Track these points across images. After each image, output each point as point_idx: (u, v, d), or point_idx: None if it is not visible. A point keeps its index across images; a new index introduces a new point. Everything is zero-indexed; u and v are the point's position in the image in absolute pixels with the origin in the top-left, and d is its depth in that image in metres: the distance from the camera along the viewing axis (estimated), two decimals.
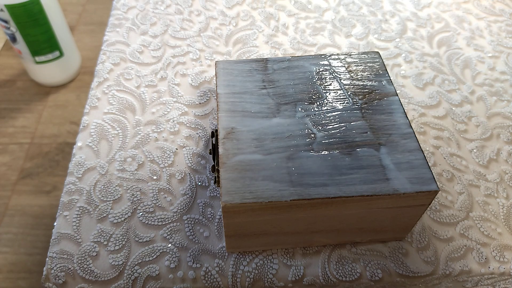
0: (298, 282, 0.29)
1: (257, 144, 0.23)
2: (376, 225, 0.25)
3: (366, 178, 0.22)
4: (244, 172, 0.21)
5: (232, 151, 0.22)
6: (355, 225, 0.25)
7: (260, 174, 0.21)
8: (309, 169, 0.21)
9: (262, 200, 0.21)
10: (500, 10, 0.49)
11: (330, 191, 0.21)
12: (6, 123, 1.17)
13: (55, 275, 0.29)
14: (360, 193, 0.21)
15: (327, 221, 0.24)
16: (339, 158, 0.22)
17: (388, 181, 0.22)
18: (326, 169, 0.22)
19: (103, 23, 1.44)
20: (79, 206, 0.31)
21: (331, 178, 0.21)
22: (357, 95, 0.25)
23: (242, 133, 0.23)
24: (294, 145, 0.22)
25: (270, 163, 0.22)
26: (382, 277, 0.29)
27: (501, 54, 0.44)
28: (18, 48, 1.10)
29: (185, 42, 0.44)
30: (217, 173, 0.24)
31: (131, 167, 0.34)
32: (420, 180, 0.22)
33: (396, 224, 0.26)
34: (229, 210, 0.21)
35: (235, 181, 0.21)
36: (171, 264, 0.29)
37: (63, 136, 1.14)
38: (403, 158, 0.23)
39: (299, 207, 0.21)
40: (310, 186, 0.21)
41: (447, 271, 0.30)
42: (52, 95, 1.24)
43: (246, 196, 0.21)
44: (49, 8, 1.04)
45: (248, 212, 0.22)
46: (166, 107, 0.38)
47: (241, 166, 0.21)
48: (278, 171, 0.22)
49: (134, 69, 0.41)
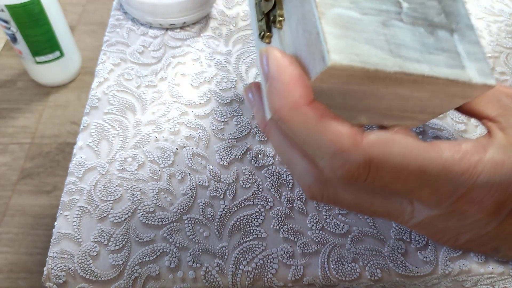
0: (298, 281, 0.29)
1: (352, 0, 0.20)
2: (419, 109, 0.24)
3: (448, 62, 0.21)
4: (345, 30, 0.18)
5: (329, 1, 0.19)
6: (405, 109, 0.24)
7: (362, 36, 0.19)
8: (403, 41, 0.20)
9: (369, 67, 0.18)
10: (499, 10, 0.49)
11: (424, 69, 0.20)
12: (6, 123, 1.18)
13: (56, 275, 0.29)
14: (447, 76, 0.20)
15: (395, 102, 0.22)
16: (425, 35, 0.21)
17: (464, 68, 0.21)
18: (417, 44, 0.20)
19: (103, 23, 1.44)
20: (80, 206, 0.32)
21: (422, 56, 0.20)
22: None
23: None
24: (385, 10, 0.20)
25: (368, 26, 0.19)
26: (382, 277, 0.29)
27: (501, 54, 0.44)
28: (18, 48, 1.10)
29: (185, 43, 0.44)
30: (278, 24, 0.22)
31: (131, 167, 0.34)
32: (484, 73, 0.21)
33: (433, 112, 0.25)
34: (332, 73, 0.18)
35: (339, 39, 0.18)
36: (171, 264, 0.29)
37: (63, 136, 1.15)
38: (470, 48, 0.22)
39: (398, 82, 0.20)
40: (408, 60, 0.19)
41: (446, 271, 0.30)
42: (53, 95, 1.24)
43: (353, 58, 0.18)
44: (50, 9, 1.04)
45: (342, 77, 0.19)
46: (166, 107, 0.38)
47: (341, 22, 0.18)
48: (377, 37, 0.19)
49: (134, 69, 0.41)
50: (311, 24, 0.19)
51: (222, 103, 0.39)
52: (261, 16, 0.23)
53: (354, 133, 0.19)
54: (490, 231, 0.22)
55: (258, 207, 0.32)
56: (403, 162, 0.19)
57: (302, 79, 0.18)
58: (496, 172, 0.20)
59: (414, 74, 0.19)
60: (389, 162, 0.19)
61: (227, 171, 0.34)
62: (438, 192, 0.20)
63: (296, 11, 0.20)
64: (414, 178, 0.19)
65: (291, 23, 0.21)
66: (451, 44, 0.22)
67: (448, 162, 0.19)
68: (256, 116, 0.24)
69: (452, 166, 0.19)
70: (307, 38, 0.19)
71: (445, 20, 0.22)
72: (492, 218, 0.21)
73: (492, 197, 0.20)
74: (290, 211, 0.32)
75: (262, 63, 0.20)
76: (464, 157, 0.20)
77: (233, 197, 0.33)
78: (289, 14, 0.21)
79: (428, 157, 0.19)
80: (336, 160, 0.19)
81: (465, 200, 0.21)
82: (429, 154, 0.19)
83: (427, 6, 0.22)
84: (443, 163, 0.19)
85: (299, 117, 0.18)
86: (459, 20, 0.23)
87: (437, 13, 0.22)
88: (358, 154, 0.18)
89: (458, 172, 0.19)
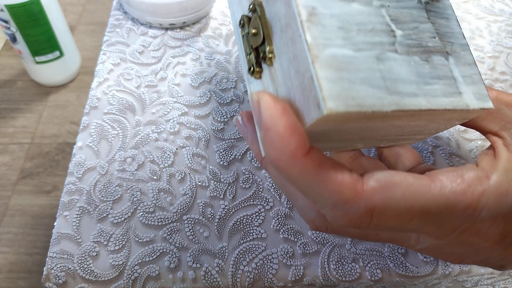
0: (298, 282, 0.29)
1: (344, 36, 0.19)
2: (415, 133, 0.24)
3: (445, 90, 0.20)
4: (340, 71, 0.18)
5: (321, 41, 0.18)
6: (402, 133, 0.23)
7: (358, 76, 0.18)
8: (399, 75, 0.19)
9: (366, 109, 0.17)
10: (499, 10, 0.49)
11: (421, 103, 0.19)
12: (6, 123, 1.18)
13: (55, 275, 0.29)
14: (444, 106, 0.20)
15: (392, 130, 0.22)
16: (420, 64, 0.20)
17: (461, 95, 0.20)
18: (413, 76, 0.20)
19: (103, 23, 1.44)
20: (79, 206, 0.32)
21: (419, 88, 0.19)
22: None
23: (325, 17, 0.19)
24: (379, 42, 0.20)
25: (363, 63, 0.18)
26: (382, 277, 0.29)
27: (501, 54, 0.44)
28: (18, 48, 1.10)
29: (185, 43, 0.44)
30: (268, 61, 0.20)
31: (131, 167, 0.34)
32: (481, 97, 0.21)
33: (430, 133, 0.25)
34: (328, 119, 0.18)
35: (334, 83, 0.17)
36: (171, 264, 0.29)
37: (63, 136, 1.15)
38: (466, 71, 0.21)
39: (395, 117, 0.19)
40: (404, 96, 0.19)
41: (446, 271, 0.30)
42: (52, 95, 1.24)
43: (349, 103, 0.17)
44: (49, 8, 1.04)
45: (339, 121, 0.18)
46: (166, 107, 0.38)
47: (335, 64, 0.18)
48: (373, 74, 0.18)
49: (134, 69, 0.41)
50: (304, 66, 0.18)
51: (222, 103, 0.38)
52: (250, 50, 0.22)
53: (354, 182, 0.18)
54: (495, 255, 0.22)
55: (258, 207, 0.32)
56: (406, 206, 0.18)
57: (297, 129, 0.18)
58: (500, 203, 0.19)
59: (411, 110, 0.19)
60: (391, 207, 0.18)
61: (227, 171, 0.34)
62: (442, 227, 0.20)
63: (287, 50, 0.19)
64: (417, 219, 0.19)
65: (282, 62, 0.20)
66: (446, 69, 0.21)
67: (451, 199, 0.19)
68: (251, 148, 0.24)
69: (455, 203, 0.19)
70: (300, 80, 0.18)
71: (440, 43, 0.22)
72: (497, 246, 0.21)
73: (497, 228, 0.20)
74: (290, 211, 0.32)
75: (254, 110, 0.19)
76: (467, 190, 0.19)
77: (233, 197, 0.33)
78: (280, 51, 0.20)
79: (430, 197, 0.19)
80: (337, 211, 0.19)
81: (469, 232, 0.20)
82: (430, 194, 0.19)
83: (421, 29, 0.22)
84: (445, 201, 0.19)
85: (296, 168, 0.18)
86: (454, 40, 0.22)
87: (431, 36, 0.22)
88: (359, 204, 0.18)
89: (461, 208, 0.19)
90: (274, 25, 0.20)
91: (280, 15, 0.20)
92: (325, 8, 0.19)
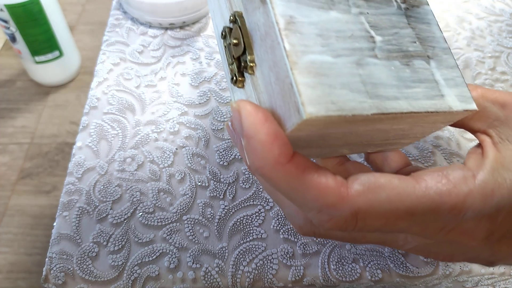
0: (298, 282, 0.29)
1: (323, 43, 0.19)
2: (401, 137, 0.24)
3: (427, 93, 0.20)
4: (319, 77, 0.18)
5: (299, 48, 0.18)
6: (387, 138, 0.24)
7: (337, 81, 0.18)
8: (379, 79, 0.19)
9: (346, 113, 0.18)
10: (500, 10, 0.49)
11: (403, 106, 0.19)
12: (6, 123, 1.17)
13: (55, 276, 0.29)
14: (426, 109, 0.20)
15: (376, 134, 0.22)
16: (400, 69, 0.21)
17: (443, 97, 0.21)
18: (393, 80, 0.20)
19: (103, 23, 1.44)
20: (79, 206, 0.31)
21: (399, 91, 0.20)
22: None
23: (303, 25, 0.19)
24: (358, 48, 0.20)
25: (342, 68, 0.19)
26: (382, 277, 0.29)
27: (502, 54, 0.44)
28: (17, 48, 1.10)
29: (184, 42, 0.44)
30: (250, 70, 0.21)
31: (130, 167, 0.34)
32: (464, 99, 0.21)
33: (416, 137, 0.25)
34: (308, 124, 0.18)
35: (314, 88, 0.18)
36: (171, 265, 0.29)
37: (62, 136, 1.14)
38: (448, 74, 0.22)
39: (377, 121, 0.19)
40: (385, 99, 0.19)
41: (447, 271, 0.30)
42: (52, 95, 1.24)
43: (330, 107, 0.18)
44: (49, 8, 1.04)
45: (320, 126, 0.18)
46: (165, 107, 0.38)
47: (314, 70, 0.18)
48: (353, 79, 0.19)
49: (133, 69, 0.41)
50: (283, 73, 0.18)
51: (222, 103, 0.38)
52: (232, 60, 0.23)
53: (338, 186, 0.18)
54: (483, 252, 0.22)
55: (258, 208, 0.32)
56: (391, 208, 0.19)
57: (279, 136, 0.18)
58: (485, 204, 0.19)
59: (392, 113, 0.19)
60: (376, 210, 0.18)
61: (227, 171, 0.34)
62: (428, 228, 0.20)
63: (267, 58, 0.20)
64: (402, 220, 0.19)
65: (263, 70, 0.20)
66: (428, 73, 0.21)
67: (436, 200, 0.19)
68: (241, 154, 0.24)
69: (440, 204, 0.19)
70: (280, 87, 0.19)
71: (420, 47, 0.22)
72: (484, 244, 0.21)
73: (484, 227, 0.20)
74: None
75: (235, 119, 0.19)
76: (453, 191, 0.19)
77: (233, 197, 0.32)
78: (261, 60, 0.20)
79: (415, 198, 0.19)
80: (323, 215, 0.19)
81: (455, 232, 0.20)
82: (415, 195, 0.19)
83: (401, 35, 0.22)
84: (430, 202, 0.19)
85: (281, 175, 0.18)
86: (435, 44, 0.22)
87: (412, 41, 0.22)
88: (344, 208, 0.18)
89: (446, 209, 0.19)
90: (254, 34, 0.21)
91: (259, 24, 0.20)
92: (303, 17, 0.19)
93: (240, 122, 0.18)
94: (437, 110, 0.20)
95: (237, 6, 0.22)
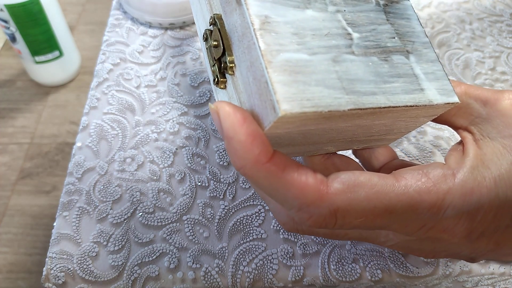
0: (298, 282, 0.29)
1: (299, 41, 0.19)
2: (385, 132, 0.24)
3: (405, 88, 0.20)
4: (294, 75, 0.18)
5: (275, 47, 0.19)
6: (371, 134, 0.24)
7: (313, 78, 0.19)
8: (356, 75, 0.20)
9: (322, 109, 0.18)
10: (500, 10, 0.49)
11: (380, 101, 0.19)
12: (6, 123, 1.18)
13: (55, 275, 0.29)
14: (405, 103, 0.20)
15: (358, 130, 0.22)
16: (378, 64, 0.21)
17: (423, 91, 0.21)
18: (371, 75, 0.20)
19: (103, 23, 1.44)
20: (79, 206, 0.31)
21: (377, 86, 0.20)
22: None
23: (278, 24, 0.19)
24: (335, 45, 0.20)
25: (318, 66, 0.19)
26: (382, 277, 0.29)
27: (502, 54, 0.44)
28: (17, 48, 1.10)
29: (184, 42, 0.44)
30: (230, 70, 0.21)
31: (130, 167, 0.34)
32: (445, 92, 0.21)
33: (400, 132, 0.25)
34: (284, 121, 0.18)
35: (289, 86, 0.18)
36: (171, 265, 0.29)
37: (62, 136, 1.14)
38: (428, 68, 0.22)
39: (355, 116, 0.19)
40: (362, 94, 0.19)
41: (447, 271, 0.30)
42: (52, 95, 1.24)
43: (304, 104, 0.18)
44: (49, 8, 1.04)
45: (297, 122, 0.19)
46: (165, 107, 0.38)
47: (290, 68, 0.18)
48: (329, 76, 0.19)
49: (133, 69, 0.41)
50: (259, 72, 0.19)
51: None
52: (213, 62, 0.23)
53: (318, 184, 0.18)
54: (464, 249, 0.23)
55: (258, 208, 0.32)
56: (369, 206, 0.19)
57: (259, 135, 0.18)
58: (465, 202, 0.19)
59: (370, 108, 0.19)
60: (354, 208, 0.19)
61: (227, 171, 0.34)
62: (408, 226, 0.20)
63: (245, 58, 0.20)
64: (381, 218, 0.19)
65: (242, 70, 0.21)
66: (407, 67, 0.21)
67: (415, 198, 0.19)
68: None
69: (419, 202, 0.19)
70: (257, 86, 0.19)
71: (399, 42, 0.22)
72: (465, 241, 0.21)
73: (463, 225, 0.20)
74: None
75: (214, 120, 0.19)
76: (432, 189, 0.19)
77: (233, 197, 0.32)
78: (239, 60, 0.21)
79: (394, 196, 0.19)
80: (303, 213, 0.19)
81: (436, 230, 0.20)
82: (394, 193, 0.19)
83: (379, 31, 0.22)
84: (409, 200, 0.19)
85: (261, 174, 0.18)
86: (414, 39, 0.22)
87: (390, 36, 0.22)
88: (323, 207, 0.18)
89: (425, 207, 0.19)
90: (233, 35, 0.21)
91: (237, 25, 0.20)
92: (279, 16, 0.20)
93: (219, 123, 0.18)
94: (416, 104, 0.20)
95: (217, 8, 0.23)
